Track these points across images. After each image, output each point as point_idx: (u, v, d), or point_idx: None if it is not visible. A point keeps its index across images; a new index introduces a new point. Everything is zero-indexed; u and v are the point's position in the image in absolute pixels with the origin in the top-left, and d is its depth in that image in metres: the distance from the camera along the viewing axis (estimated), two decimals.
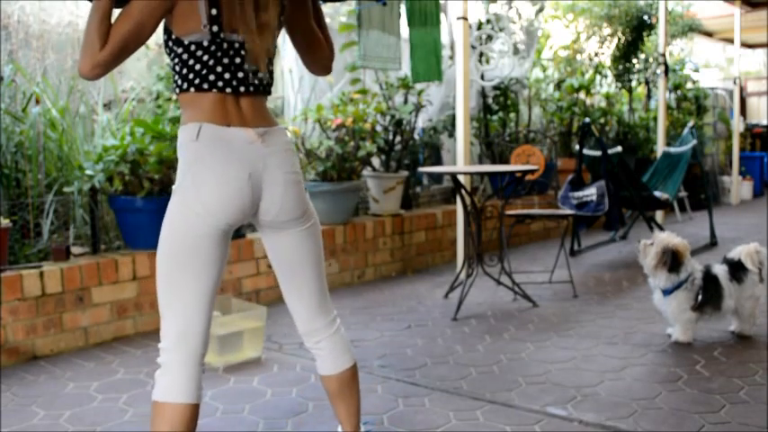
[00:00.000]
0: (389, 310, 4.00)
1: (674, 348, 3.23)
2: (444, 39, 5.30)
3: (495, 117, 6.65)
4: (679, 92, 9.26)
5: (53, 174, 3.82)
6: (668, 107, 8.73)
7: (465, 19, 4.67)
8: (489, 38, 5.81)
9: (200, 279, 1.72)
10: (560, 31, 8.24)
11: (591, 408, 2.55)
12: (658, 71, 7.48)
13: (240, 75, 1.74)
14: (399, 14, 4.73)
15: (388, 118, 5.26)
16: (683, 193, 7.75)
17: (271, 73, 1.84)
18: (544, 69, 7.84)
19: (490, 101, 6.58)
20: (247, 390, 2.79)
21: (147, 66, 4.78)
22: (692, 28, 9.57)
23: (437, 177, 6.15)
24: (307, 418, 2.51)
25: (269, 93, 1.84)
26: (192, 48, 1.71)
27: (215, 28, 1.70)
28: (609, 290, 4.44)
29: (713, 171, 9.37)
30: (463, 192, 4.10)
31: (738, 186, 9.40)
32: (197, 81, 1.72)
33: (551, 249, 5.62)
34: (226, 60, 1.72)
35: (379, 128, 5.18)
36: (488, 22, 5.85)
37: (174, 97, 4.62)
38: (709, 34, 10.74)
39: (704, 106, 9.52)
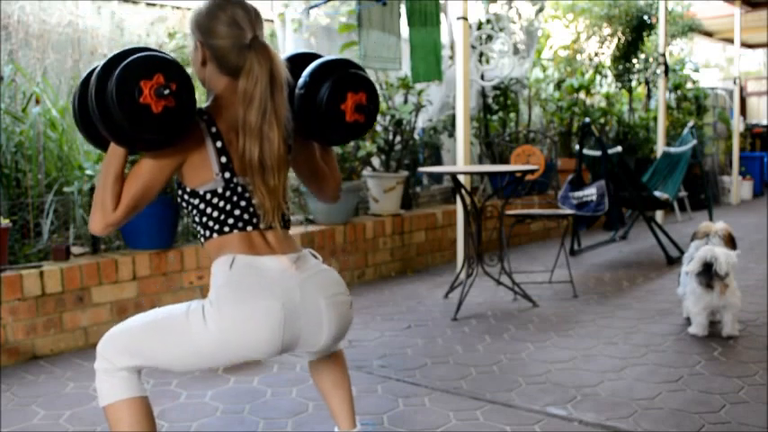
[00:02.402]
0: (389, 310, 4.00)
1: (673, 348, 3.23)
2: (444, 39, 5.31)
3: (495, 117, 6.65)
4: (679, 92, 9.26)
5: (53, 174, 3.82)
6: (668, 107, 8.73)
7: (465, 19, 4.67)
8: (489, 38, 5.82)
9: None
10: (560, 31, 8.24)
11: (591, 408, 2.55)
12: (658, 71, 7.48)
13: (260, 212, 1.75)
14: (399, 14, 4.73)
15: (388, 118, 5.26)
16: (683, 193, 7.75)
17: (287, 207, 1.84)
18: (544, 69, 7.84)
19: (490, 101, 6.58)
20: (247, 390, 2.79)
21: None
22: (691, 28, 9.57)
23: (437, 177, 6.15)
24: (307, 418, 2.51)
25: (289, 226, 1.85)
26: (208, 197, 1.72)
27: (227, 174, 1.71)
28: (609, 290, 4.44)
29: (713, 171, 9.37)
30: (463, 192, 4.10)
31: (738, 186, 9.40)
32: (217, 227, 1.73)
33: (551, 249, 5.62)
34: (243, 203, 1.74)
35: (379, 128, 5.18)
36: (488, 22, 5.85)
37: None
38: (709, 34, 10.74)
39: (704, 106, 9.52)
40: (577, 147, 5.59)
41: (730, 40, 10.08)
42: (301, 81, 1.83)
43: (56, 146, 3.83)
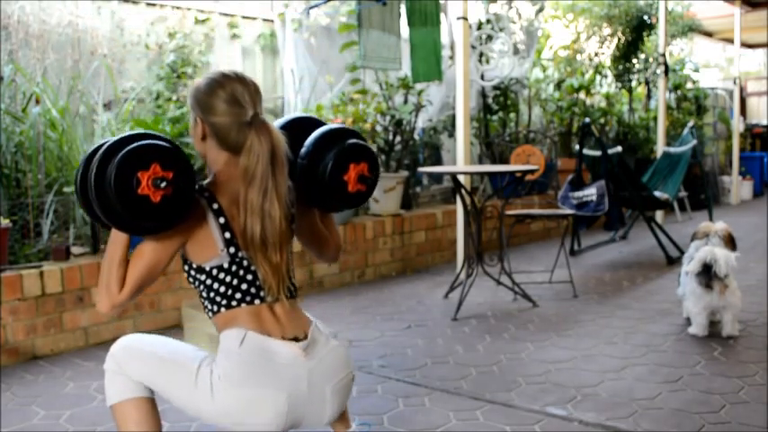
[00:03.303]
0: (389, 310, 4.00)
1: (673, 348, 3.23)
2: (444, 39, 5.31)
3: (495, 117, 6.65)
4: (679, 92, 9.26)
5: (53, 174, 3.82)
6: (668, 107, 8.73)
7: (465, 19, 4.67)
8: (489, 38, 5.82)
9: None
10: (560, 31, 8.24)
11: (591, 408, 2.55)
12: (658, 71, 7.48)
13: (265, 286, 1.74)
14: (399, 14, 4.73)
15: (388, 118, 5.26)
16: (683, 193, 7.75)
17: (292, 281, 1.83)
18: (544, 69, 7.84)
19: (490, 101, 6.58)
20: None
21: (147, 66, 4.78)
22: (691, 28, 9.57)
23: (437, 177, 6.15)
24: None
25: (296, 296, 1.85)
26: (215, 272, 1.72)
27: (232, 249, 1.71)
28: (609, 290, 4.44)
29: (713, 171, 9.37)
30: (463, 192, 4.10)
31: (738, 186, 9.41)
32: (225, 302, 1.74)
33: (551, 249, 5.62)
34: (249, 277, 1.74)
35: (379, 128, 5.18)
36: (488, 22, 5.85)
37: (175, 98, 4.62)
38: (709, 34, 10.74)
39: (704, 106, 9.52)
40: (577, 147, 5.59)
41: (730, 40, 10.08)
42: (303, 151, 1.85)
43: (56, 146, 3.83)
